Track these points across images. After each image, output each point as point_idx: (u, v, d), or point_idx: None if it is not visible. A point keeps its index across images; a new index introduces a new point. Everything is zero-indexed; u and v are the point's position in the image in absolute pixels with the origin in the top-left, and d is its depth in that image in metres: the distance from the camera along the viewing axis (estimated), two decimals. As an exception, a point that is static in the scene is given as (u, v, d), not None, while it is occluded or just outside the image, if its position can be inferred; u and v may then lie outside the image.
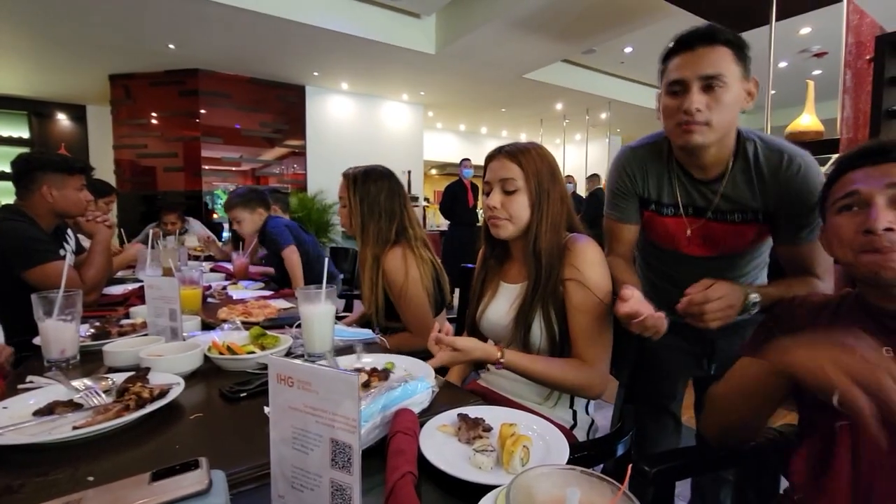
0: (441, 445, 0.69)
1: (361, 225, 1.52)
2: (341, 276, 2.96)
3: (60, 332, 1.04)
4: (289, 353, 1.12)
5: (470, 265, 1.48)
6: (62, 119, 7.34)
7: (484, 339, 1.26)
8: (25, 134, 7.05)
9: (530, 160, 1.08)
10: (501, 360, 1.00)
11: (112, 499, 0.50)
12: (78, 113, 7.37)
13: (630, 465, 0.42)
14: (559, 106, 7.70)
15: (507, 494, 0.38)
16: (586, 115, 7.67)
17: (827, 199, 0.81)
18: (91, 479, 0.61)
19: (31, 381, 0.90)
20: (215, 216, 6.09)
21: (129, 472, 0.54)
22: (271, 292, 2.06)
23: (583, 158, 8.04)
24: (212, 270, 2.72)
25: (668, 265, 1.28)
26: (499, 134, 10.32)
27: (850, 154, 0.79)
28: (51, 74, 5.97)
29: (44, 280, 1.50)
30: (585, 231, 1.13)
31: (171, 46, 5.04)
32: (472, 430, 0.72)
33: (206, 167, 6.03)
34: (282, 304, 1.74)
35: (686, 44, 0.99)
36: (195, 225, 3.97)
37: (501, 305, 1.15)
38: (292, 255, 2.37)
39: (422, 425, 0.72)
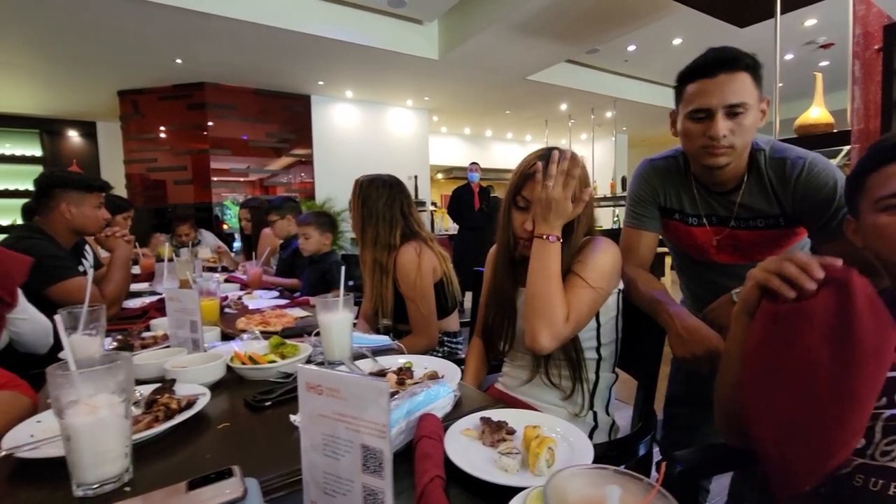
0: (466, 449, 0.70)
1: (361, 228, 1.64)
2: (352, 282, 3.00)
3: (85, 347, 1.06)
4: (309, 361, 1.13)
5: (482, 269, 1.48)
6: (73, 136, 7.45)
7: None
8: (38, 152, 7.17)
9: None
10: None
11: (152, 508, 0.52)
12: (88, 129, 7.48)
13: (664, 463, 0.42)
14: (564, 106, 7.69)
15: (544, 494, 0.38)
16: (591, 114, 7.64)
17: (861, 196, 0.77)
18: (128, 489, 0.62)
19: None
20: (225, 227, 6.15)
21: (164, 481, 0.56)
22: (287, 301, 2.08)
23: (589, 158, 8.02)
24: (226, 281, 2.76)
25: (712, 272, 1.27)
26: (504, 136, 10.32)
27: (882, 147, 0.74)
28: (60, 92, 6.07)
29: (65, 296, 1.53)
30: None
31: (178, 61, 5.12)
32: (495, 433, 0.72)
33: (215, 179, 6.10)
34: (298, 312, 1.76)
35: (707, 70, 0.99)
36: (207, 236, 4.02)
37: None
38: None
39: (445, 430, 0.73)
